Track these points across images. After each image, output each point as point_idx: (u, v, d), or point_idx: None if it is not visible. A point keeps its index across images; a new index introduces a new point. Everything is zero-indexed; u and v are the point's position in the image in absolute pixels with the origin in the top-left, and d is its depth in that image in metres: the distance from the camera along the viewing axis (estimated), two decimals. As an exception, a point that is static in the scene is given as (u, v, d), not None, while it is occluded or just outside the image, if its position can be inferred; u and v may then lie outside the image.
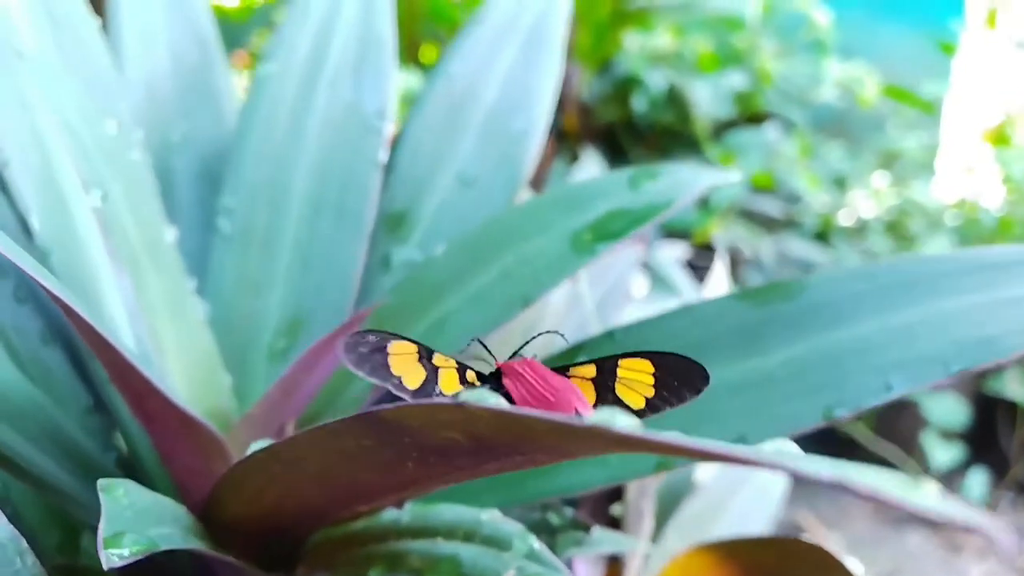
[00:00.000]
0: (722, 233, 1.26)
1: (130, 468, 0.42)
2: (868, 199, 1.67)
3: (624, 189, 0.42)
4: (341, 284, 0.46)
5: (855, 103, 1.48)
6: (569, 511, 0.40)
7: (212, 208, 0.49)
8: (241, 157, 0.46)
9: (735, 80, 1.32)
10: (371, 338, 0.25)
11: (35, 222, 0.39)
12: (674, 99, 1.32)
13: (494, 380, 0.27)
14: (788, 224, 1.46)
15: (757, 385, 0.34)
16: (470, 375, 0.27)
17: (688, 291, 1.21)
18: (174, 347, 0.40)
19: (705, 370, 0.27)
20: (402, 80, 1.07)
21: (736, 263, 1.36)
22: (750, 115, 1.37)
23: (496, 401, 0.18)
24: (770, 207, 1.32)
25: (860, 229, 1.66)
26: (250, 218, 0.46)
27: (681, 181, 0.41)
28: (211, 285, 0.45)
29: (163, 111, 0.49)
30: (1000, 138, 1.56)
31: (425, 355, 0.26)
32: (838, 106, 1.49)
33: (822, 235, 1.56)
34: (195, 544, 0.26)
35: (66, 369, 0.42)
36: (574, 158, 1.32)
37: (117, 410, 0.41)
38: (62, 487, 0.35)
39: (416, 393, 0.25)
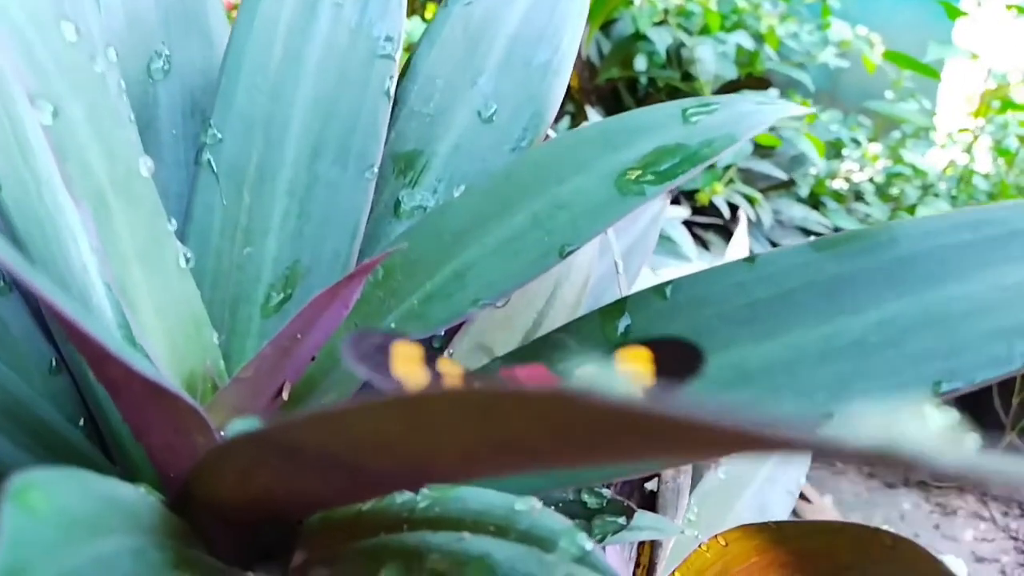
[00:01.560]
0: (721, 195, 1.19)
1: (101, 442, 0.35)
2: (863, 164, 1.60)
3: (675, 123, 0.34)
4: (344, 231, 0.39)
5: (856, 67, 1.41)
6: (606, 492, 0.33)
7: (200, 146, 0.42)
8: (231, 83, 0.38)
9: (739, 41, 1.24)
10: (376, 337, 0.23)
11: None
12: (678, 58, 1.25)
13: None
14: (781, 187, 1.38)
15: (846, 352, 0.27)
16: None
17: (692, 253, 1.14)
18: (149, 298, 0.33)
19: (702, 351, 0.24)
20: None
21: (733, 223, 1.29)
22: (753, 76, 1.30)
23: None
24: (770, 169, 1.25)
25: (853, 193, 1.60)
26: (241, 153, 0.38)
27: (742, 113, 0.34)
28: (196, 229, 0.37)
29: (145, 36, 0.41)
30: (1000, 104, 1.49)
31: (430, 359, 0.24)
32: (840, 70, 1.42)
33: (815, 199, 1.49)
34: (159, 554, 0.19)
35: (24, 320, 0.34)
36: (575, 117, 1.24)
37: (83, 370, 0.34)
38: (11, 469, 0.28)
39: None
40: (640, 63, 1.25)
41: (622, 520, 0.32)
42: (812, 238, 0.32)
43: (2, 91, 0.30)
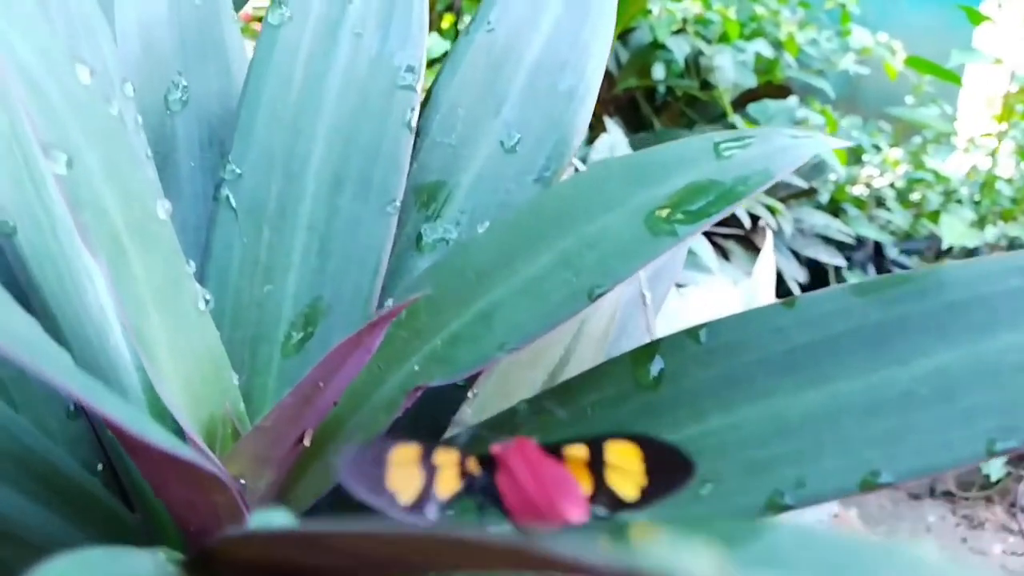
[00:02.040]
0: (742, 205, 1.17)
1: (120, 488, 0.34)
2: (883, 169, 1.58)
3: (707, 158, 0.33)
4: (366, 267, 0.38)
5: (876, 73, 1.39)
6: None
7: (219, 182, 0.41)
8: (250, 117, 0.37)
9: (758, 49, 1.22)
10: (372, 451, 0.23)
11: (-1, 193, 0.30)
12: (696, 67, 1.23)
13: (490, 470, 0.24)
14: (802, 195, 1.36)
15: (894, 405, 0.26)
16: (471, 465, 0.24)
17: (713, 264, 1.13)
18: (167, 343, 0.32)
19: (692, 462, 0.23)
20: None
21: (754, 233, 1.27)
22: (772, 85, 1.28)
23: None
24: (790, 177, 1.23)
25: (875, 199, 1.57)
26: (261, 188, 0.37)
27: (777, 149, 0.32)
28: (215, 268, 0.36)
29: (161, 66, 0.40)
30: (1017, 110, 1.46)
31: (427, 455, 0.23)
32: (860, 76, 1.40)
33: (835, 205, 1.47)
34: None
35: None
36: (593, 128, 1.23)
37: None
38: (29, 529, 0.27)
39: (407, 509, 0.23)
40: (658, 72, 1.23)
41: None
42: (852, 282, 0.31)
43: (18, 137, 0.29)
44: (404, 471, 0.23)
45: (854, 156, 1.49)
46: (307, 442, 0.33)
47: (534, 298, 0.32)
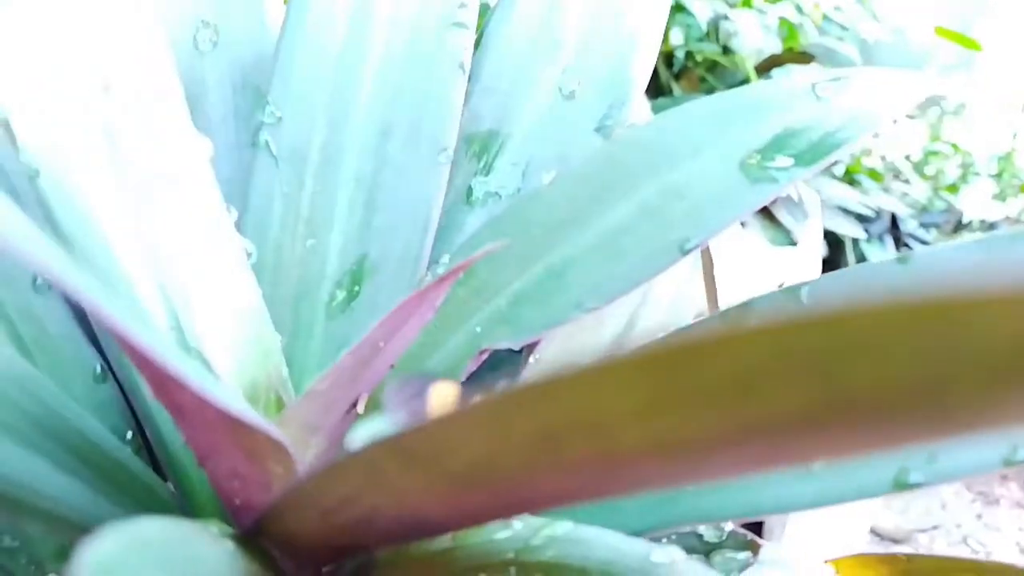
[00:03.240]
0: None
1: (151, 456, 0.31)
2: (899, 141, 1.54)
3: (804, 99, 0.30)
4: (416, 222, 0.34)
5: (897, 41, 1.35)
6: (728, 525, 0.29)
7: (252, 127, 0.37)
8: (290, 55, 0.34)
9: (782, 12, 1.19)
10: (412, 384, 0.23)
11: (18, 129, 0.27)
12: (716, 31, 1.19)
13: None
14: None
15: None
16: None
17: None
18: (207, 300, 0.29)
19: None
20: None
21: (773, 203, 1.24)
22: (795, 51, 1.24)
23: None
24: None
25: (891, 171, 1.54)
26: (303, 134, 0.34)
27: (882, 89, 0.29)
28: (253, 219, 0.33)
29: (189, 4, 0.37)
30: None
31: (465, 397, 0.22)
32: (880, 44, 1.36)
33: (849, 177, 1.43)
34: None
35: (64, 322, 0.30)
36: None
37: (133, 378, 0.30)
38: (56, 501, 0.24)
39: None
40: (676, 36, 1.19)
41: (744, 555, 0.28)
42: (978, 234, 0.28)
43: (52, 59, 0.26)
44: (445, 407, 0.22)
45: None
46: (361, 408, 0.30)
47: (613, 253, 0.29)
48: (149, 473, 0.31)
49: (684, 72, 1.26)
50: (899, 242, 1.50)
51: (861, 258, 1.24)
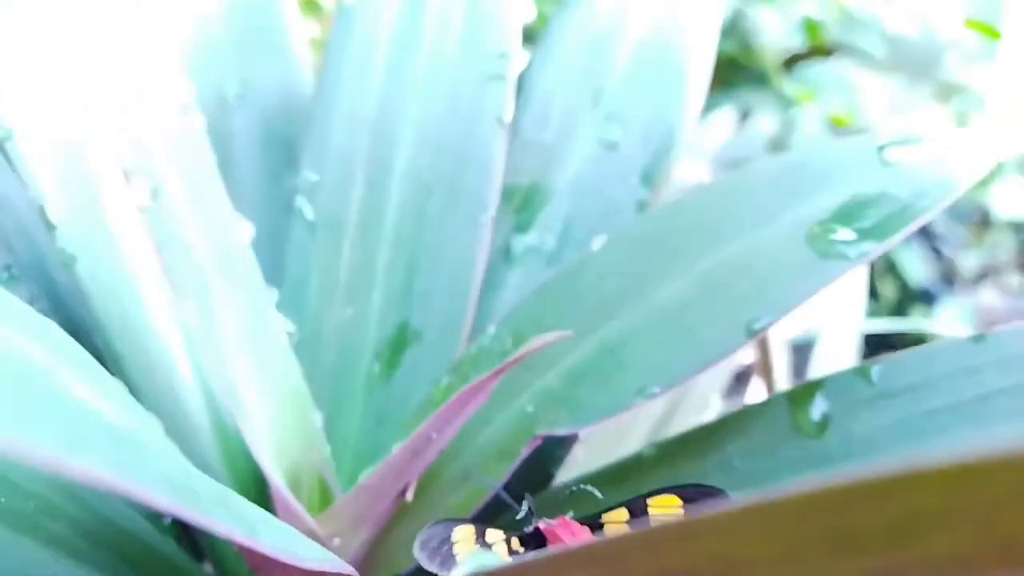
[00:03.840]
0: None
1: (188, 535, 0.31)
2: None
3: (869, 163, 0.29)
4: (457, 286, 0.34)
5: (921, 33, 1.33)
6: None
7: (282, 182, 0.36)
8: (326, 116, 0.33)
9: (805, 8, 1.17)
10: (438, 530, 0.25)
11: (53, 214, 0.26)
12: (738, 27, 1.18)
13: (536, 544, 0.26)
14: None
15: None
16: (514, 543, 0.26)
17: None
18: (253, 388, 0.28)
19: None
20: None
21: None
22: (818, 47, 1.23)
23: None
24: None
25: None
26: (340, 199, 0.33)
27: (954, 153, 0.28)
28: (290, 290, 0.32)
29: (216, 57, 0.36)
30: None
31: (480, 534, 0.25)
32: (901, 37, 1.34)
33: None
34: None
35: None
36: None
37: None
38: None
39: None
40: (696, 35, 1.18)
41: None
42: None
43: (80, 156, 0.25)
44: (465, 547, 0.25)
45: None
46: (410, 496, 0.30)
47: (676, 332, 0.28)
48: (189, 562, 0.30)
49: (703, 71, 1.24)
50: (926, 235, 1.48)
51: (890, 260, 1.23)
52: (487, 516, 0.30)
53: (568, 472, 0.33)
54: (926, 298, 1.36)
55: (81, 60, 0.26)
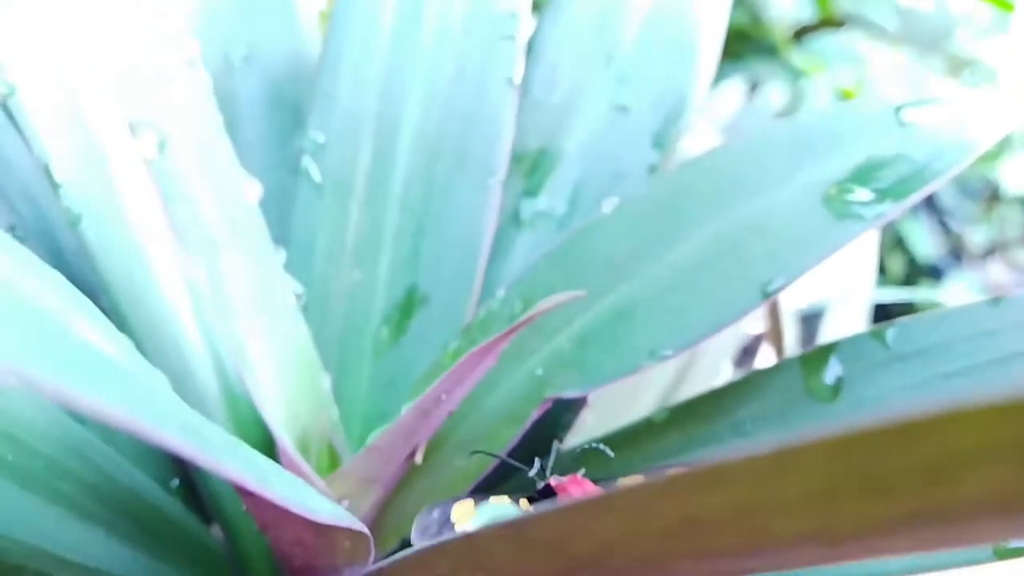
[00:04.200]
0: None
1: (196, 501, 0.31)
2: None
3: (886, 125, 0.28)
4: (466, 250, 0.33)
5: (939, 8, 1.32)
6: None
7: (288, 146, 0.36)
8: (333, 77, 0.33)
9: (814, -22, 1.16)
10: (435, 513, 0.25)
11: (58, 173, 0.26)
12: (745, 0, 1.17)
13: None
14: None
15: None
16: (523, 504, 0.25)
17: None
18: (262, 350, 0.28)
19: None
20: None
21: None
22: (828, 19, 1.22)
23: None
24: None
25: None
26: (347, 161, 0.33)
27: (971, 115, 0.28)
28: (297, 253, 0.32)
29: (220, 18, 0.36)
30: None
31: (480, 505, 0.25)
32: (918, 11, 1.33)
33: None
34: None
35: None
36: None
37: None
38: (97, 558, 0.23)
39: None
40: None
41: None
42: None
43: (83, 111, 0.25)
44: (466, 522, 0.24)
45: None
46: (419, 459, 0.30)
47: (688, 293, 0.28)
48: (200, 528, 0.30)
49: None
50: (934, 209, 1.48)
51: (898, 235, 1.22)
52: (496, 482, 0.30)
53: (576, 437, 0.33)
54: (934, 273, 1.36)
55: (85, 14, 0.26)
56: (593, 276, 0.30)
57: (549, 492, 0.26)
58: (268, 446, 0.30)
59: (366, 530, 0.21)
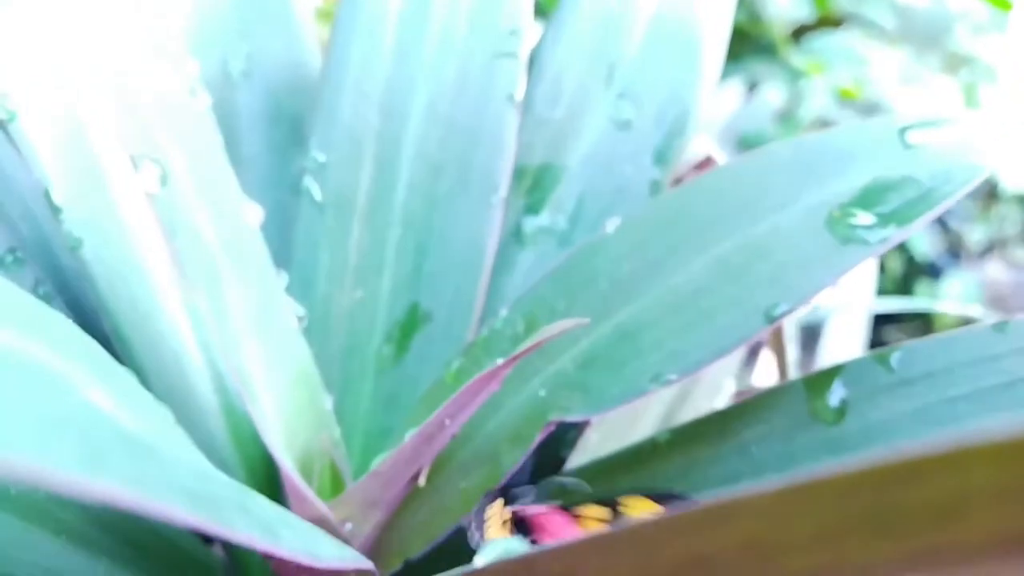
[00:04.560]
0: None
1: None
2: (933, 104, 1.52)
3: (890, 146, 0.28)
4: (468, 268, 0.33)
5: (937, 6, 1.32)
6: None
7: (289, 160, 0.36)
8: (335, 95, 0.33)
9: (813, -23, 1.16)
10: (486, 501, 0.26)
11: (58, 197, 0.26)
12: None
13: (520, 529, 0.26)
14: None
15: None
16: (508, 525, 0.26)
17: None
18: (264, 372, 0.28)
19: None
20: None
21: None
22: (827, 18, 1.22)
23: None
24: (845, 118, 1.17)
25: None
26: (349, 179, 0.33)
27: (978, 137, 0.28)
28: (299, 273, 0.32)
29: (218, 31, 0.36)
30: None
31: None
32: (920, 9, 1.33)
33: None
34: None
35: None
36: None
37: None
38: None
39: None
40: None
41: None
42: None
43: (86, 138, 0.25)
44: (494, 522, 0.26)
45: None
46: (422, 481, 0.30)
47: (692, 317, 0.28)
48: (198, 545, 0.30)
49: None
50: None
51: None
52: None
53: (581, 456, 0.33)
54: (932, 271, 1.36)
55: (84, 40, 0.26)
56: (596, 296, 0.30)
57: (523, 523, 0.26)
58: (270, 467, 0.30)
59: (373, 568, 0.21)
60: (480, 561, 0.21)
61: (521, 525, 0.27)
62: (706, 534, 0.14)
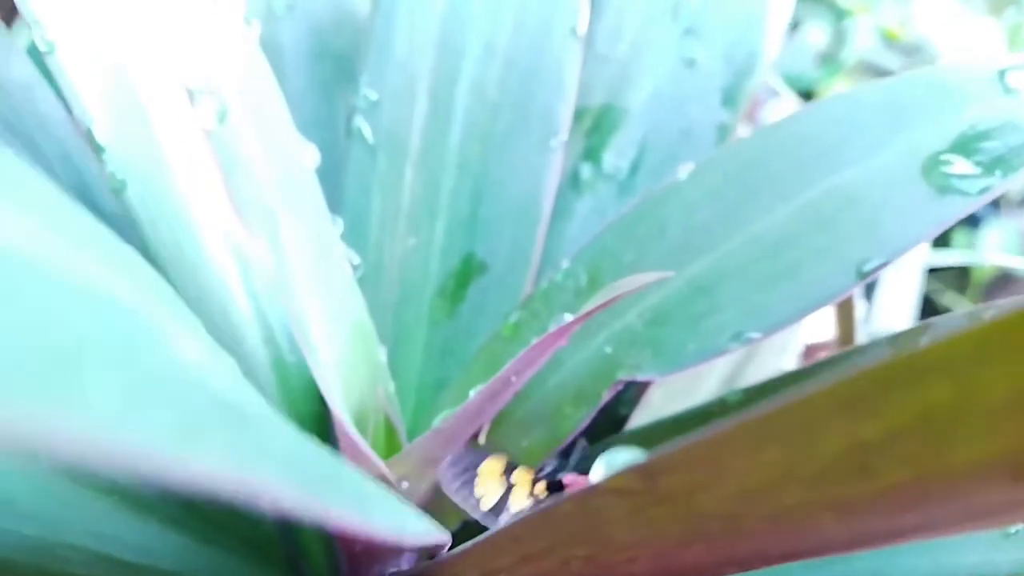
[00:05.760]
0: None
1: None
2: (975, 48, 1.47)
3: (990, 90, 0.27)
4: (526, 215, 0.32)
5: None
6: None
7: (335, 99, 0.35)
8: (387, 30, 0.31)
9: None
10: (469, 456, 0.26)
11: (101, 136, 0.25)
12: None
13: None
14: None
15: None
16: (539, 488, 0.26)
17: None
18: (319, 322, 0.27)
19: None
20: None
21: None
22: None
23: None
24: (889, 61, 1.14)
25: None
26: (402, 119, 0.31)
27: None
28: (350, 218, 0.31)
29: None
30: None
31: (508, 470, 0.26)
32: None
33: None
34: None
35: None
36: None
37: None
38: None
39: (485, 515, 0.25)
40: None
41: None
42: None
43: (128, 72, 0.23)
44: (489, 481, 0.25)
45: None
46: (483, 439, 0.29)
47: (776, 270, 0.26)
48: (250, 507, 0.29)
49: None
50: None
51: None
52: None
53: (643, 414, 0.32)
54: (971, 221, 1.34)
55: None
56: (667, 247, 0.29)
57: (560, 487, 0.25)
58: (321, 423, 0.29)
59: (450, 539, 0.20)
60: (596, 474, 0.20)
61: (557, 490, 0.26)
62: (882, 405, 0.11)
